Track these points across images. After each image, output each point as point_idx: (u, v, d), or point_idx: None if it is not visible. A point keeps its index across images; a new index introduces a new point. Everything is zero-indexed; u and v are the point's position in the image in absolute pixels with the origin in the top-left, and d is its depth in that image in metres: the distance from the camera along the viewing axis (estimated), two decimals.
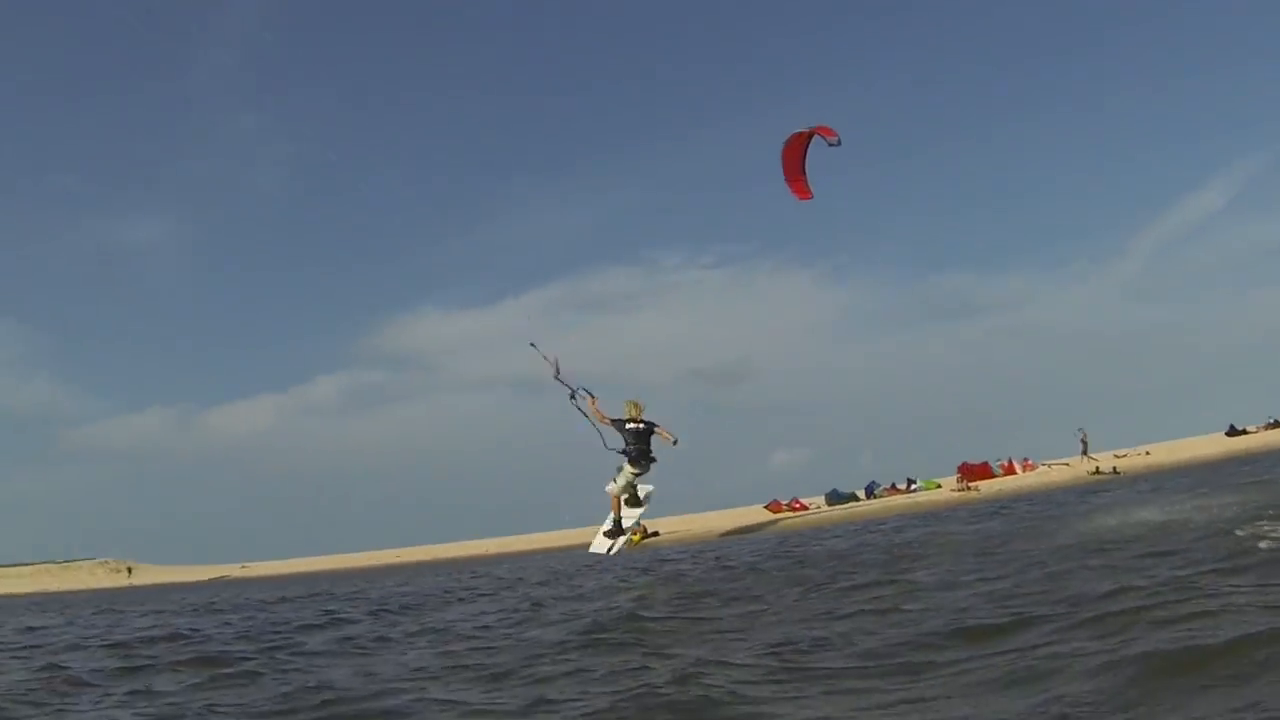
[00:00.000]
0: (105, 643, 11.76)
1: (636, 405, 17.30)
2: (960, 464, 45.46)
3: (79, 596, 51.36)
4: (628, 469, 17.26)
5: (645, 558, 20.78)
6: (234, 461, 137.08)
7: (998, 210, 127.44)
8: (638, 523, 18.62)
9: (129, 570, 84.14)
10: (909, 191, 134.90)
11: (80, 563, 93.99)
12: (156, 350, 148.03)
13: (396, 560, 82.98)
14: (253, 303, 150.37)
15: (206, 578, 70.79)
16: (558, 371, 17.23)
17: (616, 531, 17.79)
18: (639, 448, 17.16)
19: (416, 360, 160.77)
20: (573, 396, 17.16)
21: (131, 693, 7.74)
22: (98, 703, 7.56)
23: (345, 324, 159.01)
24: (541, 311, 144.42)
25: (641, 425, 17.11)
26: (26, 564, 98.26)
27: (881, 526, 22.60)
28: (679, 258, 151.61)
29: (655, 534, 50.52)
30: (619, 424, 17.12)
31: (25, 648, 12.34)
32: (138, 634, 12.82)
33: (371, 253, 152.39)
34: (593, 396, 17.10)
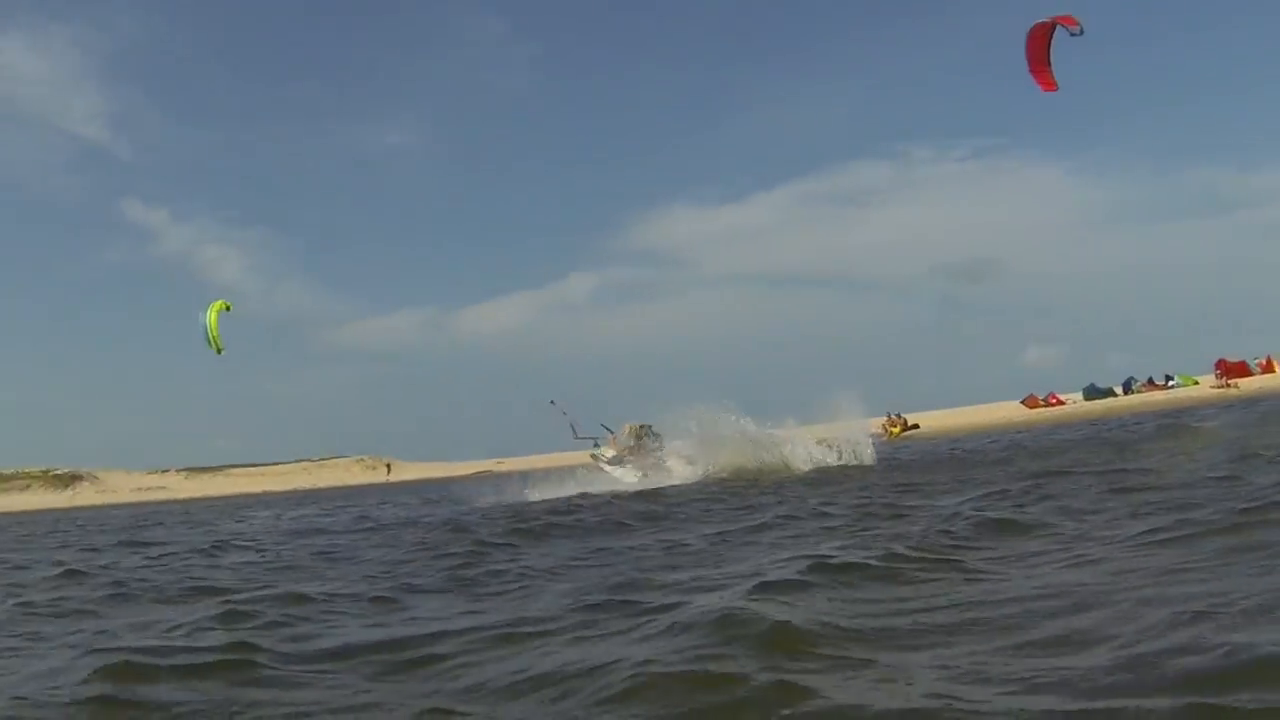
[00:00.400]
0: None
1: (639, 429, 22.09)
2: (1218, 360, 43.91)
3: (335, 492, 55.40)
4: (630, 469, 21.59)
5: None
6: (488, 359, 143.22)
7: (1260, 100, 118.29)
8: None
9: (388, 467, 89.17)
10: (1166, 81, 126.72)
11: (337, 460, 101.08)
12: (408, 253, 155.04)
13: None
14: (504, 203, 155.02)
15: (464, 473, 74.93)
16: (575, 433, 22.71)
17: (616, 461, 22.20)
18: (639, 457, 21.76)
19: (669, 256, 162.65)
20: (596, 444, 22.49)
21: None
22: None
23: (598, 222, 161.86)
24: (791, 205, 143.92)
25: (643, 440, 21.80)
26: (285, 462, 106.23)
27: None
28: (930, 151, 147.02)
29: (915, 426, 51.25)
30: (636, 444, 21.82)
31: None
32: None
33: (621, 150, 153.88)
34: (612, 433, 22.17)
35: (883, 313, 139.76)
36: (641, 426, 22.61)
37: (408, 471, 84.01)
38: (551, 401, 22.98)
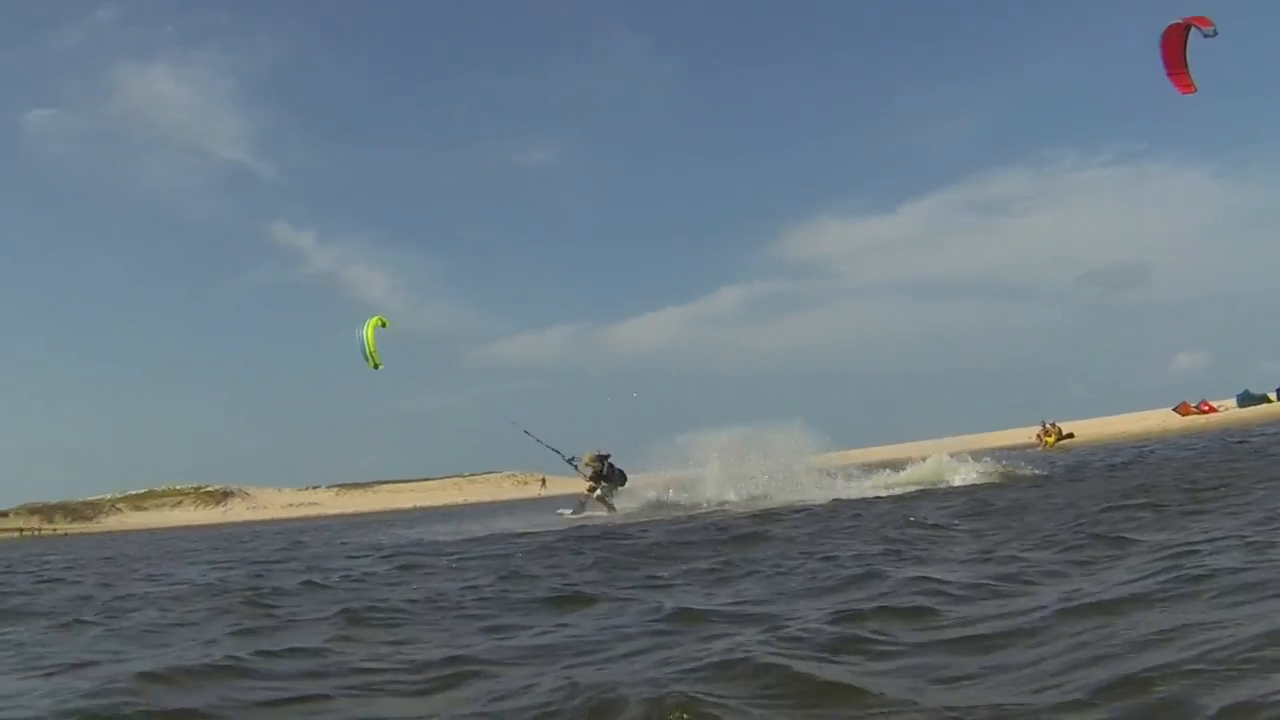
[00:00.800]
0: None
1: (598, 455, 23.65)
2: None
3: (478, 508, 56.25)
4: (603, 486, 23.29)
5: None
6: (637, 374, 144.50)
7: None
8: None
9: (543, 482, 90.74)
10: None
11: (489, 475, 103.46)
12: (556, 269, 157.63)
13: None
14: (651, 218, 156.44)
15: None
16: (567, 458, 24.36)
17: (579, 508, 23.39)
18: (608, 477, 23.40)
19: (817, 268, 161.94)
20: (570, 460, 24.25)
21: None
22: None
23: (746, 235, 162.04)
24: (938, 215, 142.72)
25: (606, 463, 23.50)
26: (435, 478, 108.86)
27: None
28: (1072, 157, 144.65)
29: (1070, 435, 50.40)
30: (599, 467, 23.39)
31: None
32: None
33: (767, 162, 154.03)
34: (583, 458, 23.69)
35: (1030, 321, 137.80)
36: (600, 456, 23.95)
37: (563, 486, 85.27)
38: (525, 431, 25.18)
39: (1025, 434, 54.76)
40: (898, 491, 18.95)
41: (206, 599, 9.26)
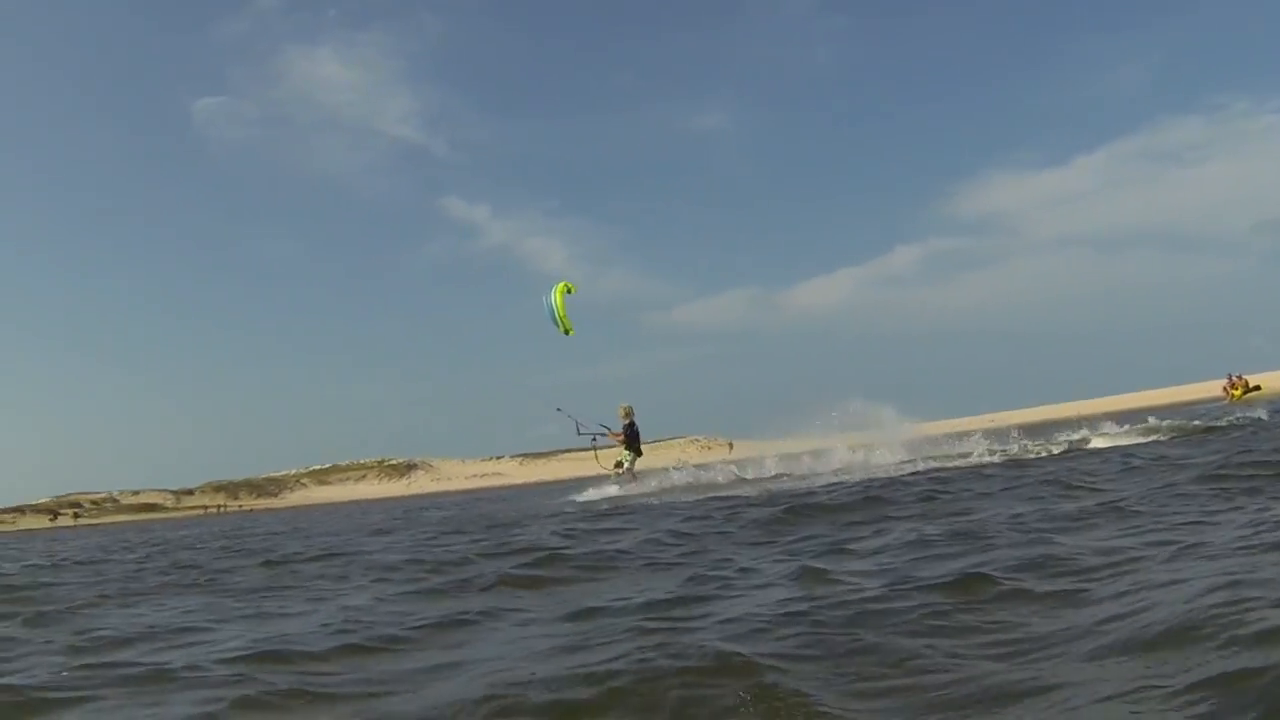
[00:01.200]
0: None
1: (627, 409, 24.49)
2: None
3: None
4: (627, 453, 24.15)
5: None
6: (816, 336, 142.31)
7: None
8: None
9: (729, 446, 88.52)
10: None
11: (672, 441, 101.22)
12: (731, 233, 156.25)
13: (990, 425, 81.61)
14: (822, 179, 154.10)
15: (803, 449, 72.25)
16: (579, 429, 24.64)
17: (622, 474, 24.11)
18: (634, 444, 24.15)
19: (992, 224, 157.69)
20: (594, 440, 24.72)
21: None
22: None
23: (919, 193, 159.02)
24: (1112, 166, 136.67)
25: (631, 425, 24.28)
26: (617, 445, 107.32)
27: None
28: (1246, 103, 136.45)
29: (1258, 388, 47.02)
30: (628, 430, 24.06)
31: None
32: None
33: (937, 119, 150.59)
34: (610, 431, 24.30)
35: (1206, 273, 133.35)
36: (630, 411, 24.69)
37: (749, 449, 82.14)
38: (558, 409, 25.15)
39: (1206, 389, 52.97)
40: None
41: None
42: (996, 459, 17.52)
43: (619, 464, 24.46)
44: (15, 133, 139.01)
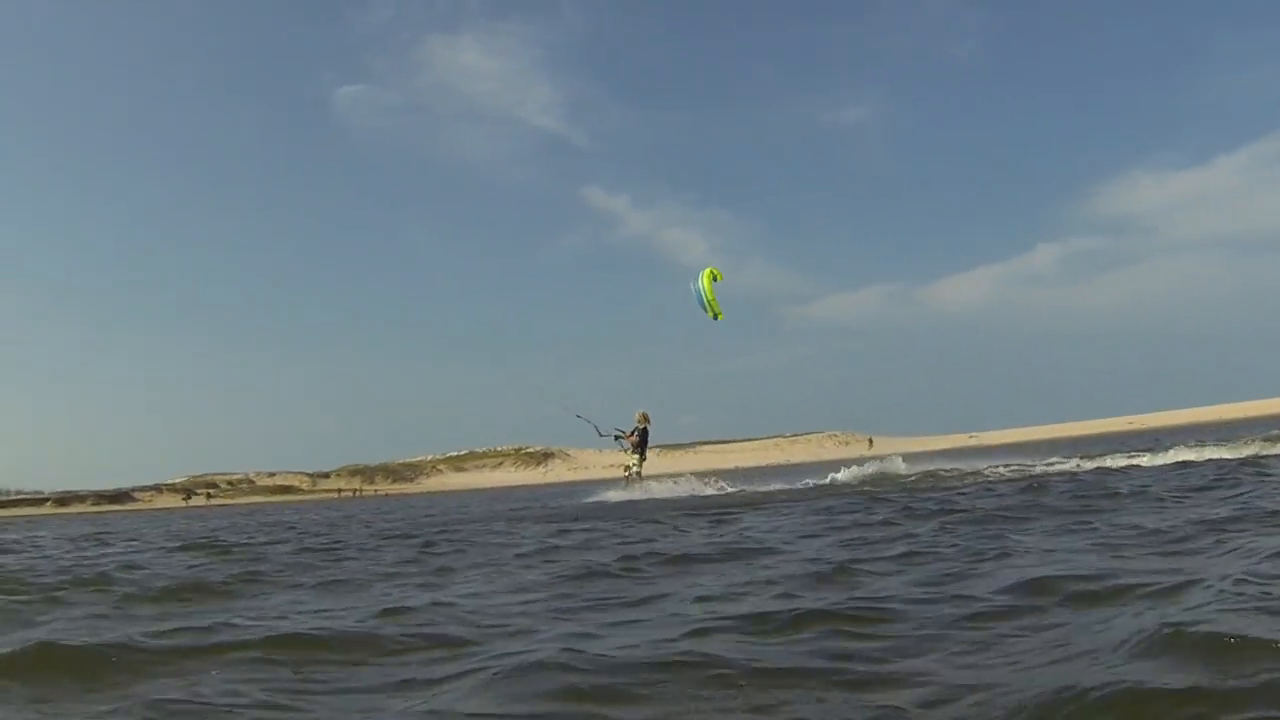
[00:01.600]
0: None
1: (643, 415, 25.84)
2: None
3: (799, 468, 54.17)
4: (635, 457, 25.49)
5: None
6: (956, 333, 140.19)
7: None
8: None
9: (869, 441, 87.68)
10: None
11: (810, 435, 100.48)
12: (870, 229, 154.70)
13: (1128, 427, 78.99)
14: (962, 175, 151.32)
15: (943, 446, 71.19)
16: (599, 431, 26.15)
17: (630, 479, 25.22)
18: (643, 447, 25.66)
19: (1132, 224, 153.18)
20: (617, 439, 25.80)
21: None
22: None
23: (1059, 191, 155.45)
24: (1254, 167, 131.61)
25: (644, 430, 25.68)
26: (756, 438, 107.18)
27: None
28: None
29: None
30: (640, 434, 25.47)
31: None
32: None
33: (1078, 117, 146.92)
34: (626, 433, 25.59)
35: None
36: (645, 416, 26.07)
37: (888, 446, 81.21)
38: (578, 415, 26.40)
39: None
40: None
41: None
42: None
43: (627, 468, 25.73)
44: (161, 122, 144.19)
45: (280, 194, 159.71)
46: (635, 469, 25.24)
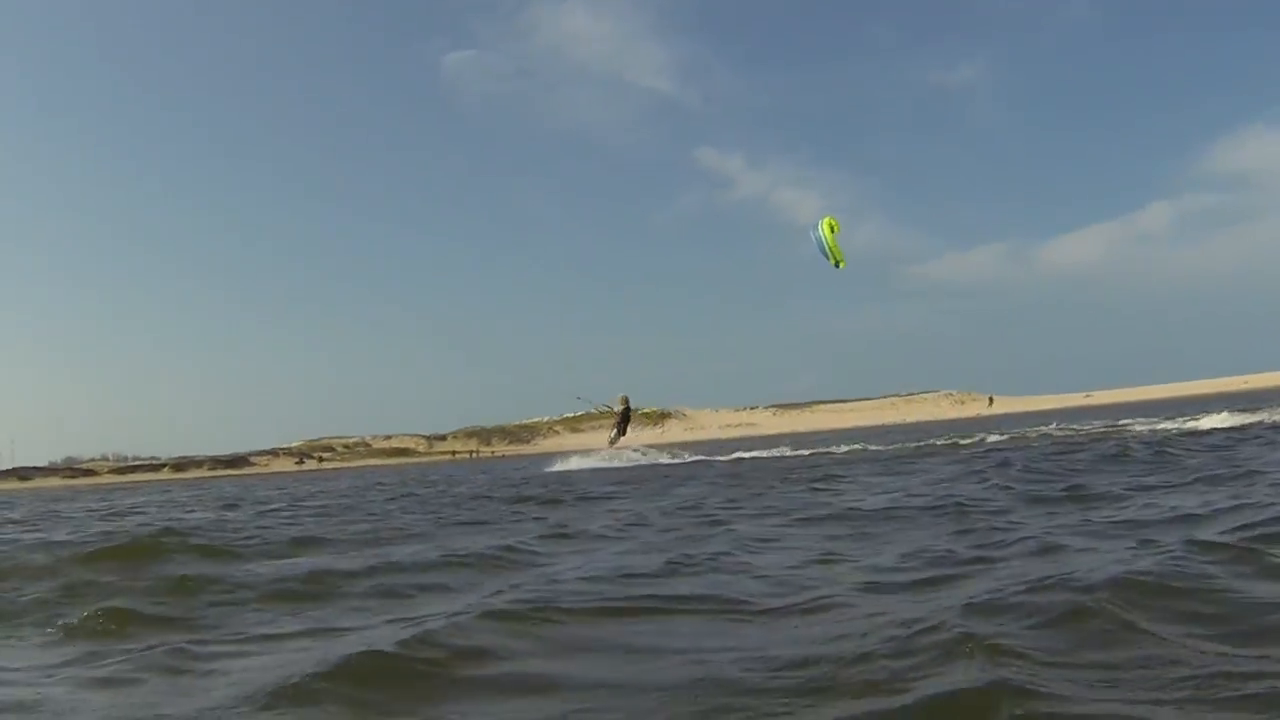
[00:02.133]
0: None
1: (624, 398, 32.49)
2: None
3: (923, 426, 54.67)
4: (614, 430, 32.67)
5: None
6: (1070, 292, 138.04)
7: None
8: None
9: (990, 400, 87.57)
10: None
11: (925, 395, 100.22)
12: (982, 188, 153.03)
13: (1244, 386, 77.85)
14: (1074, 134, 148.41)
15: (1059, 406, 71.18)
16: (595, 408, 34.54)
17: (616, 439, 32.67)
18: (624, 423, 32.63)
19: (1250, 181, 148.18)
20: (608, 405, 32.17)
21: None
22: None
23: (1173, 149, 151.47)
24: None
25: (626, 410, 32.70)
26: (872, 398, 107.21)
27: None
28: None
29: None
30: (622, 414, 32.40)
31: None
32: None
33: (1193, 73, 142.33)
34: (611, 409, 32.81)
35: None
36: (625, 398, 33.11)
37: (1008, 405, 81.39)
38: (578, 398, 34.26)
39: None
40: None
41: None
42: None
43: (612, 440, 32.51)
44: (284, 92, 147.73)
45: (395, 161, 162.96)
46: (614, 436, 32.58)
